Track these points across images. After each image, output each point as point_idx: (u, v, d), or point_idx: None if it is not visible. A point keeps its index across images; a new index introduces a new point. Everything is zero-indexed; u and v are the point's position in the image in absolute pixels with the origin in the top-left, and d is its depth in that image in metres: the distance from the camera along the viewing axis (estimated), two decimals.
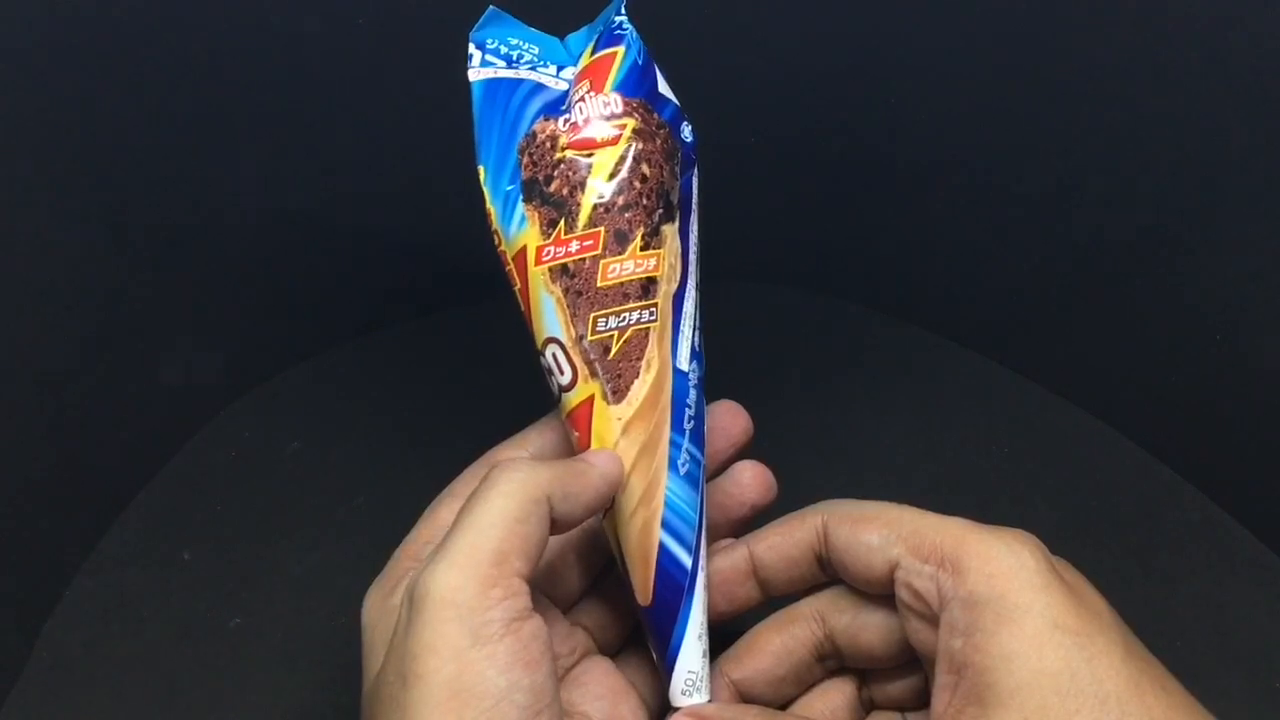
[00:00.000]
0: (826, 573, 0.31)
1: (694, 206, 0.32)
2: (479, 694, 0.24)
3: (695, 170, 0.32)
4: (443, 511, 0.30)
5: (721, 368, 0.35)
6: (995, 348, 0.48)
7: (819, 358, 0.49)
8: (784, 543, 0.31)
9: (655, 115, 0.31)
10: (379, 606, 0.28)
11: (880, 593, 0.29)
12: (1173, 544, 0.41)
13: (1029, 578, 0.26)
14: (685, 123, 0.32)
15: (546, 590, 0.31)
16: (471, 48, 0.32)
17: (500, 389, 0.46)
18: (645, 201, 0.30)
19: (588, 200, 0.30)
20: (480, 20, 0.32)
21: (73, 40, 0.36)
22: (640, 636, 0.32)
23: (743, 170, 0.48)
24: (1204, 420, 0.42)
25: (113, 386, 0.41)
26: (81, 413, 0.40)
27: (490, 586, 0.25)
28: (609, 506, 0.30)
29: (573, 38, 0.33)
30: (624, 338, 0.30)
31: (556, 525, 0.27)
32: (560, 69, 0.32)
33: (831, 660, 0.31)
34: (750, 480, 0.33)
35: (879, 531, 0.28)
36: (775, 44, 0.44)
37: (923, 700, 0.30)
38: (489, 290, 0.51)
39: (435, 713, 0.23)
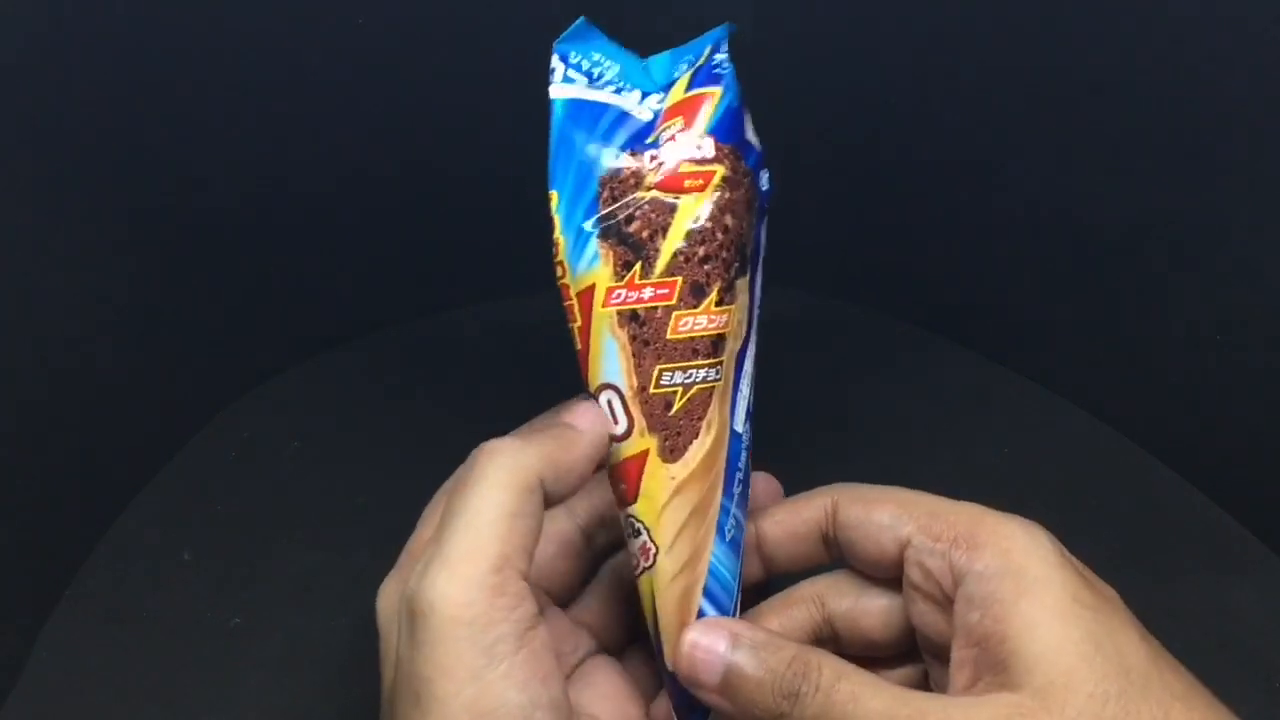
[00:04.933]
0: (831, 554, 0.31)
1: (763, 257, 0.31)
2: (501, 716, 0.23)
3: (765, 220, 0.31)
4: (443, 510, 0.29)
5: None
6: (995, 348, 0.48)
7: (818, 358, 0.49)
8: (791, 519, 0.31)
9: (743, 163, 0.29)
10: (396, 604, 0.27)
11: (886, 575, 0.29)
12: (1173, 544, 0.41)
13: (1045, 555, 0.26)
14: (765, 170, 0.31)
15: (544, 586, 0.31)
16: (555, 60, 0.30)
17: (501, 389, 0.46)
18: (725, 254, 0.29)
19: (669, 247, 0.28)
20: (568, 31, 0.30)
21: (74, 39, 0.36)
22: (644, 639, 0.32)
23: None
24: (1204, 420, 0.42)
25: (113, 387, 0.41)
26: (82, 413, 0.40)
27: (497, 596, 0.24)
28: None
29: (654, 61, 0.31)
30: (688, 395, 0.28)
31: (550, 502, 0.26)
32: (644, 95, 0.30)
33: (829, 645, 0.31)
34: (762, 492, 0.32)
35: (891, 511, 0.29)
36: (775, 45, 0.44)
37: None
38: (489, 291, 0.51)
39: None
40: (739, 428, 0.30)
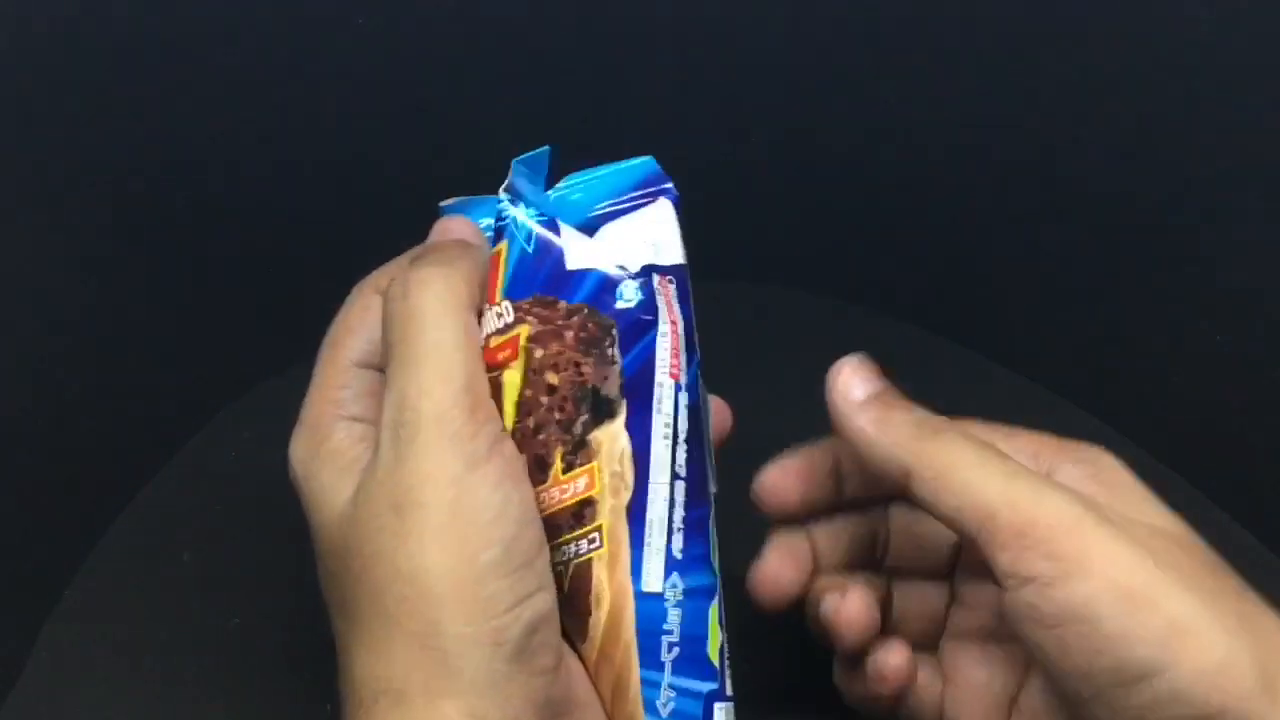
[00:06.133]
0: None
1: (661, 377, 0.28)
2: (477, 511, 0.25)
3: (660, 328, 0.28)
4: (343, 352, 0.29)
5: (720, 368, 0.35)
6: (996, 348, 0.48)
7: (818, 358, 0.49)
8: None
9: (561, 304, 0.27)
10: (313, 455, 0.28)
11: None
12: None
13: (1129, 473, 0.29)
14: (627, 282, 0.28)
15: None
16: None
17: None
18: (558, 416, 0.27)
19: (508, 427, 0.27)
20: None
21: (73, 38, 0.36)
22: None
23: (741, 170, 0.48)
24: (1204, 420, 0.42)
25: (112, 386, 0.41)
26: (81, 413, 0.40)
27: (472, 412, 0.25)
28: None
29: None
30: (570, 573, 0.27)
31: None
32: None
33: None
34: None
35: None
36: (774, 44, 0.44)
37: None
38: None
39: (438, 535, 0.24)
40: (652, 587, 0.27)
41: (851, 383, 0.30)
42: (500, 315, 0.27)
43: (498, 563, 0.24)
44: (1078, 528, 0.25)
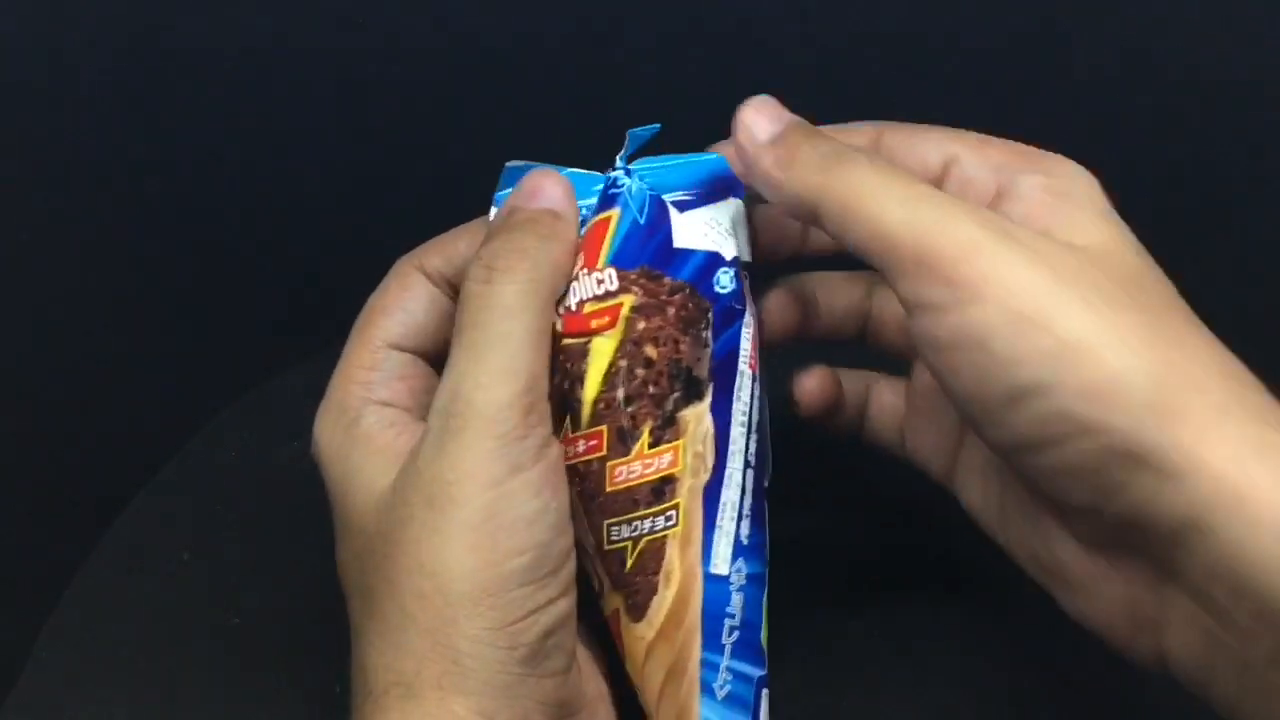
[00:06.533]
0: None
1: (743, 366, 0.28)
2: (513, 517, 0.24)
3: (745, 318, 0.28)
4: (376, 332, 0.29)
5: None
6: None
7: (817, 355, 0.49)
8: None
9: (666, 279, 0.27)
10: (339, 436, 0.27)
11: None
12: None
13: (1093, 185, 0.27)
14: (724, 269, 0.28)
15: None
16: (493, 212, 0.28)
17: None
18: (653, 390, 0.27)
19: (589, 395, 0.27)
20: (500, 180, 0.29)
21: (73, 37, 0.37)
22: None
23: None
24: None
25: (113, 386, 0.41)
26: (82, 413, 0.40)
27: (527, 414, 0.25)
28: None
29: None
30: (638, 549, 0.27)
31: None
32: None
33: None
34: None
35: (940, 134, 0.28)
36: (774, 43, 0.44)
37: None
38: None
39: (468, 535, 0.24)
40: (720, 570, 0.27)
41: (755, 123, 0.27)
42: (601, 282, 0.27)
43: (524, 570, 0.24)
44: (976, 252, 0.24)
